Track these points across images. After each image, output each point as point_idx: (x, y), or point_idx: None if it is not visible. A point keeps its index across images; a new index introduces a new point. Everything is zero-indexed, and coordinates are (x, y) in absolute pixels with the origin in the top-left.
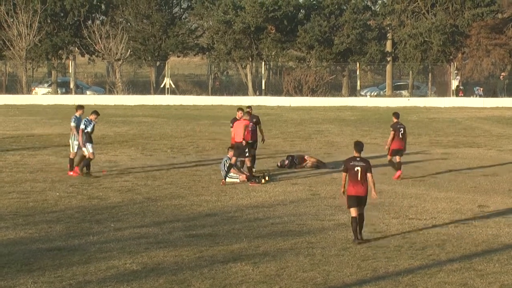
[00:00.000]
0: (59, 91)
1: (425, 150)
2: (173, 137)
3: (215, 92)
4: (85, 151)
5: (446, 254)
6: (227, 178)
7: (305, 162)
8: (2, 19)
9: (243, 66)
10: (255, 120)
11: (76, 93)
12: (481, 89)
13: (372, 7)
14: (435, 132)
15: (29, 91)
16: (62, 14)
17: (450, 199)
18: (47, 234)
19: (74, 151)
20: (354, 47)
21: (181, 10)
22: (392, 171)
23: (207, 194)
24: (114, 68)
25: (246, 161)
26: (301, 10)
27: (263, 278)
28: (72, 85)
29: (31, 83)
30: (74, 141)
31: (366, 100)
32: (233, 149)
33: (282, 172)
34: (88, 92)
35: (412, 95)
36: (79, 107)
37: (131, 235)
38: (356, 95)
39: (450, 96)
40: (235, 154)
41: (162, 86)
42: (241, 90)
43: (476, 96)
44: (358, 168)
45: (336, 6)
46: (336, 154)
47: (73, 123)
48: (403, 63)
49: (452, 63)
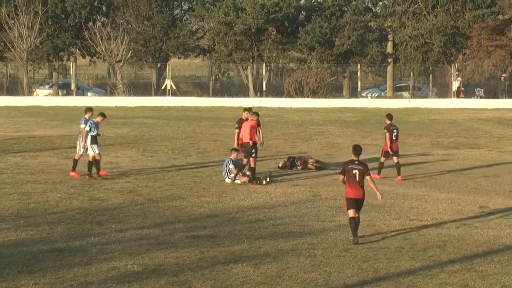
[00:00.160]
0: (60, 93)
1: (426, 152)
2: (174, 139)
3: (216, 94)
4: (90, 153)
5: (447, 255)
6: (228, 180)
7: (305, 164)
8: (3, 21)
9: (244, 68)
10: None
11: (77, 95)
12: (482, 90)
13: (373, 9)
14: (436, 133)
15: (30, 93)
16: (63, 16)
17: (451, 200)
18: (48, 236)
19: (80, 153)
20: (355, 49)
21: (182, 12)
22: (393, 172)
23: (208, 196)
24: (115, 70)
25: (251, 162)
26: (302, 12)
27: (264, 279)
28: (73, 87)
29: (32, 85)
30: (82, 143)
31: (367, 102)
32: (243, 150)
33: (283, 174)
34: (89, 94)
35: (413, 97)
36: (88, 109)
37: (132, 236)
38: (357, 97)
39: (451, 98)
40: (245, 155)
41: (163, 88)
42: (242, 92)
43: (477, 97)
44: (356, 171)
45: (337, 8)
46: (337, 156)
47: (83, 125)
48: (404, 65)
49: (453, 65)
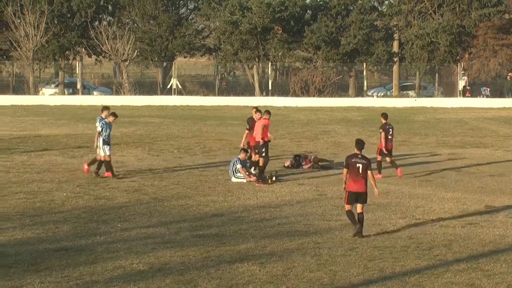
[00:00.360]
0: (66, 92)
1: (432, 151)
2: (180, 138)
3: (222, 93)
4: (101, 153)
5: (453, 254)
6: (234, 179)
7: (310, 163)
8: (10, 20)
9: (250, 67)
10: None
11: (83, 94)
12: (488, 90)
13: (379, 8)
14: (442, 133)
15: (36, 92)
16: (69, 15)
17: (457, 199)
18: (54, 234)
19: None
20: (361, 48)
21: (188, 11)
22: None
23: (214, 195)
24: (121, 69)
25: (260, 161)
26: (308, 11)
27: (270, 278)
28: (79, 86)
29: (38, 84)
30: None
31: (373, 101)
32: (254, 149)
33: (289, 173)
34: (95, 93)
35: (419, 96)
36: (105, 108)
37: (138, 235)
38: (363, 96)
39: (457, 97)
40: (260, 154)
41: (169, 87)
42: (248, 91)
43: (483, 97)
44: (360, 165)
45: (343, 7)
46: (343, 155)
47: (97, 123)
48: (410, 64)
49: (459, 64)
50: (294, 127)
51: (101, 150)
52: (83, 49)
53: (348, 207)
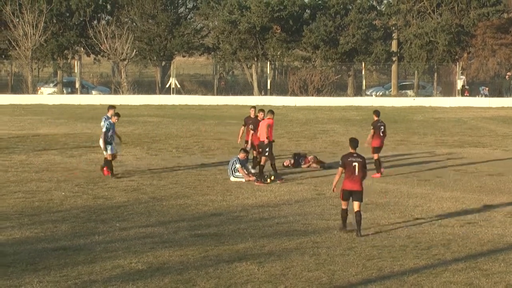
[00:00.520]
0: (65, 91)
1: (431, 150)
2: (179, 137)
3: (221, 92)
4: (104, 152)
5: (452, 254)
6: (233, 178)
7: (309, 163)
8: (8, 19)
9: (249, 66)
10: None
11: (82, 93)
12: (487, 89)
13: (378, 7)
14: (441, 132)
15: (35, 91)
16: (68, 14)
17: (456, 199)
18: (53, 234)
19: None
20: (360, 47)
21: (187, 10)
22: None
23: (213, 194)
24: (120, 68)
25: (262, 160)
26: (307, 10)
27: (268, 278)
28: (78, 85)
29: (37, 83)
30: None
31: (372, 100)
32: (258, 148)
33: (287, 172)
34: (94, 92)
35: (418, 95)
36: (111, 107)
37: (137, 235)
38: (362, 95)
39: (456, 96)
40: (263, 154)
41: (168, 86)
42: (247, 90)
43: (482, 96)
44: (356, 164)
45: (342, 6)
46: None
47: (102, 123)
48: (409, 63)
49: (458, 63)
50: (293, 127)
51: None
52: (82, 48)
53: (344, 204)
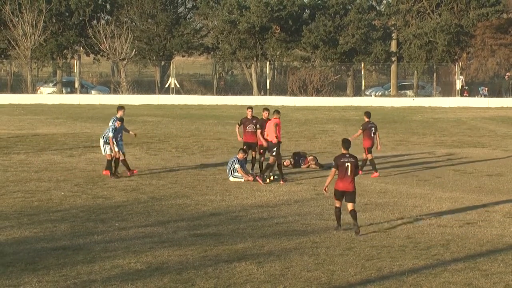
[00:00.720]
0: (64, 91)
1: (430, 150)
2: (178, 137)
3: (220, 92)
4: (103, 152)
5: (451, 254)
6: (232, 178)
7: (309, 163)
8: (8, 19)
9: (248, 66)
10: (255, 121)
11: (81, 93)
12: (486, 89)
13: (377, 7)
14: (440, 132)
15: (34, 91)
16: (67, 14)
17: (455, 199)
18: (52, 233)
19: (116, 151)
20: (359, 47)
21: (186, 10)
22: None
23: (212, 194)
24: (119, 68)
25: (270, 159)
26: (306, 10)
27: (268, 278)
28: (77, 85)
29: (36, 83)
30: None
31: (371, 100)
32: (267, 148)
33: (287, 172)
34: (93, 92)
35: (417, 95)
36: (120, 108)
37: (136, 235)
38: (361, 95)
39: (455, 96)
40: (270, 154)
41: (167, 86)
42: (246, 90)
43: (481, 96)
44: (348, 164)
45: (341, 6)
46: None
47: (111, 123)
48: (408, 63)
49: (457, 63)
50: (292, 127)
51: (102, 149)
52: (81, 48)
53: (338, 203)
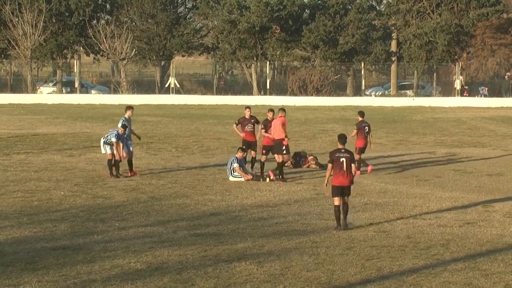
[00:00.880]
0: (64, 91)
1: (430, 150)
2: (178, 137)
3: (220, 92)
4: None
5: (451, 254)
6: (232, 178)
7: (309, 163)
8: (7, 19)
9: (248, 66)
10: (253, 121)
11: (81, 93)
12: (486, 89)
13: (377, 7)
14: (440, 132)
15: (34, 90)
16: (67, 14)
17: (455, 199)
18: (52, 233)
19: (121, 155)
20: (359, 47)
21: (186, 10)
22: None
23: (212, 193)
24: (119, 68)
25: (278, 157)
26: (306, 10)
27: (268, 277)
28: (77, 85)
29: (36, 82)
30: (126, 142)
31: (371, 100)
32: (273, 147)
33: (287, 172)
34: (93, 92)
35: (417, 95)
36: (128, 108)
37: (136, 234)
38: (361, 95)
39: (455, 96)
40: (274, 151)
41: (167, 86)
42: (246, 90)
43: (481, 96)
44: (344, 159)
45: (341, 6)
46: None
47: (120, 124)
48: (408, 63)
49: (457, 63)
50: (292, 126)
51: (102, 148)
52: (81, 48)
53: (336, 201)
